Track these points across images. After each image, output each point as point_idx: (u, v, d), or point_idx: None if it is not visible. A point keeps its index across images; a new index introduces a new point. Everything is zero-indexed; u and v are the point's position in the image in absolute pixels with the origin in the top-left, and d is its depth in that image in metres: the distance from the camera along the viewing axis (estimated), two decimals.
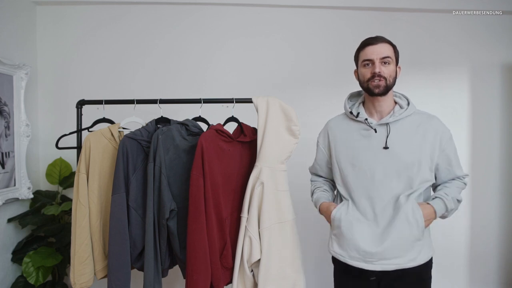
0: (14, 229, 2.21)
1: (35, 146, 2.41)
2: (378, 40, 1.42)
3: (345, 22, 2.56)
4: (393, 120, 1.44)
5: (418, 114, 1.48)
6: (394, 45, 1.46)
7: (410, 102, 1.49)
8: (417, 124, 1.45)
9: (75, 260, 1.61)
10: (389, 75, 1.41)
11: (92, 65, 2.49)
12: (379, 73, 1.39)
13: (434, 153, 1.43)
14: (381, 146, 1.43)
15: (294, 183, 1.86)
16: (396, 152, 1.41)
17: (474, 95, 2.60)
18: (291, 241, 1.68)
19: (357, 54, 1.50)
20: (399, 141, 1.42)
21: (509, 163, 2.61)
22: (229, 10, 2.53)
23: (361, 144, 1.47)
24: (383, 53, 1.40)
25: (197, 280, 1.52)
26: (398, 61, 1.47)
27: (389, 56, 1.41)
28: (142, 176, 1.63)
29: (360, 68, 1.47)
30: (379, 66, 1.40)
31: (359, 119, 1.49)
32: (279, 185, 1.67)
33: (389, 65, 1.42)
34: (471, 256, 2.62)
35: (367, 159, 1.44)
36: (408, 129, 1.44)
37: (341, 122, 1.58)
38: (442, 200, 1.43)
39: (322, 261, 2.32)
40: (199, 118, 1.80)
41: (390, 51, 1.42)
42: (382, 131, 1.45)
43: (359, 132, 1.49)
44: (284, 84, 2.53)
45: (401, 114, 1.44)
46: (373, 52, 1.40)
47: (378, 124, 1.45)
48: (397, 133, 1.43)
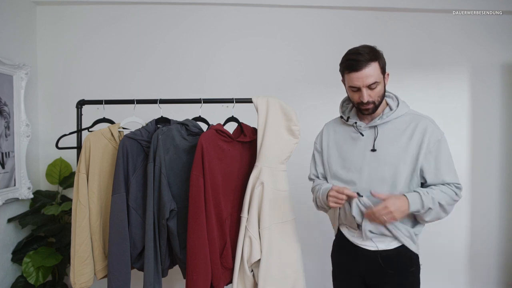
0: (14, 229, 2.21)
1: (35, 146, 2.41)
2: (361, 65, 1.34)
3: (345, 22, 2.56)
4: (381, 122, 1.44)
5: (409, 115, 1.45)
6: (378, 58, 1.38)
7: (400, 102, 1.47)
8: (406, 125, 1.43)
9: (75, 260, 1.61)
10: (378, 96, 1.40)
11: (92, 65, 2.49)
12: (368, 100, 1.39)
13: (420, 154, 1.39)
14: (369, 149, 1.45)
15: (294, 183, 1.86)
16: (382, 154, 1.42)
17: (474, 95, 2.60)
18: (291, 241, 1.68)
19: (342, 73, 1.46)
20: (386, 143, 1.43)
21: (509, 163, 2.61)
22: (229, 10, 2.53)
23: (350, 147, 1.50)
24: (369, 79, 1.36)
25: (197, 280, 1.52)
26: (385, 71, 1.42)
27: (375, 81, 1.37)
28: (142, 176, 1.63)
29: (347, 88, 1.46)
30: (366, 93, 1.38)
31: (350, 122, 1.51)
32: (279, 185, 1.67)
33: (376, 88, 1.38)
34: (471, 256, 2.62)
35: (356, 161, 1.46)
36: (395, 130, 1.43)
37: (335, 125, 1.60)
38: (419, 194, 1.35)
39: (322, 261, 2.32)
40: (199, 118, 1.80)
41: (376, 73, 1.36)
42: (370, 134, 1.46)
43: (350, 135, 1.51)
44: (284, 84, 2.53)
45: (390, 116, 1.44)
46: (358, 79, 1.37)
47: (367, 126, 1.47)
48: (384, 135, 1.44)
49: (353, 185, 1.45)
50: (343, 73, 1.46)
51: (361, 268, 1.48)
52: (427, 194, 1.35)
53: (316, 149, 1.65)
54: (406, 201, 1.34)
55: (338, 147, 1.54)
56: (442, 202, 1.37)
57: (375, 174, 1.42)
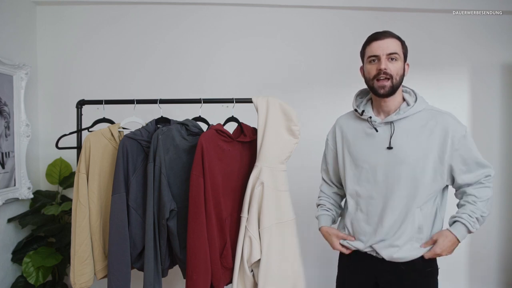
0: (14, 229, 2.21)
1: (35, 146, 2.41)
2: (385, 35, 1.34)
3: (345, 22, 2.56)
4: (398, 118, 1.35)
5: (428, 111, 1.37)
6: (402, 41, 1.38)
7: (418, 97, 1.40)
8: (424, 121, 1.35)
9: (75, 260, 1.61)
10: (396, 73, 1.33)
11: (92, 65, 2.49)
12: (385, 69, 1.31)
13: (445, 154, 1.32)
14: (385, 146, 1.36)
15: (294, 183, 1.86)
16: (400, 152, 1.34)
17: (474, 95, 2.60)
18: (291, 241, 1.67)
19: (363, 49, 1.42)
20: (404, 140, 1.34)
21: (509, 163, 2.61)
22: (229, 10, 2.53)
23: (365, 143, 1.42)
24: (390, 48, 1.32)
25: (197, 280, 1.52)
26: (406, 58, 1.39)
27: (396, 52, 1.32)
28: (142, 176, 1.63)
29: (365, 64, 1.39)
30: (385, 62, 1.32)
31: (364, 117, 1.42)
32: (279, 185, 1.66)
33: (396, 62, 1.33)
34: (471, 256, 2.62)
35: (370, 158, 1.39)
36: (414, 127, 1.35)
37: (349, 119, 1.52)
38: (464, 226, 1.32)
39: (322, 261, 2.32)
40: (199, 118, 1.80)
41: (397, 47, 1.34)
42: (386, 130, 1.37)
43: (364, 131, 1.42)
44: (284, 84, 2.53)
45: (407, 111, 1.35)
46: (379, 47, 1.32)
47: (383, 122, 1.38)
48: (402, 132, 1.35)
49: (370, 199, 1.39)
50: (364, 49, 1.40)
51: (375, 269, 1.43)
52: (470, 218, 1.32)
53: (328, 143, 1.60)
54: (455, 239, 1.32)
55: (352, 142, 1.46)
56: (485, 213, 1.33)
57: (392, 174, 1.35)
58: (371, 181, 1.39)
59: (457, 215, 1.35)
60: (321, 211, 1.60)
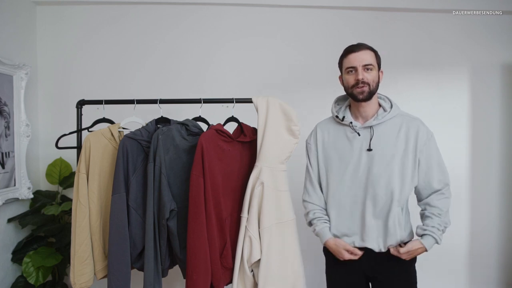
0: (14, 229, 2.21)
1: (35, 146, 2.41)
2: (360, 48, 1.48)
3: (345, 22, 2.56)
4: (377, 123, 1.49)
5: (401, 116, 1.52)
6: (375, 51, 1.52)
7: (393, 104, 1.54)
8: (399, 126, 1.50)
9: (75, 260, 1.61)
10: (372, 81, 1.47)
11: (92, 65, 2.49)
12: (363, 79, 1.45)
13: (416, 155, 1.48)
14: (365, 148, 1.49)
15: (294, 183, 1.86)
16: (378, 153, 1.48)
17: (474, 95, 2.60)
18: (291, 241, 1.68)
19: (340, 61, 1.56)
20: (382, 143, 1.48)
21: (509, 163, 2.61)
22: (229, 10, 2.53)
23: (347, 146, 1.53)
24: (365, 60, 1.46)
25: (197, 280, 1.52)
26: (380, 66, 1.53)
27: (371, 64, 1.47)
28: (142, 176, 1.63)
29: (344, 74, 1.53)
30: (362, 72, 1.45)
31: (345, 122, 1.55)
32: (279, 185, 1.67)
33: (371, 71, 1.47)
34: (471, 256, 2.62)
35: (352, 160, 1.51)
36: (390, 131, 1.50)
37: (329, 124, 1.63)
38: (434, 239, 1.47)
39: (322, 261, 2.31)
40: (199, 118, 1.80)
41: (372, 58, 1.48)
42: (366, 134, 1.51)
43: (346, 135, 1.55)
44: (284, 84, 2.53)
45: (384, 117, 1.50)
46: (355, 59, 1.46)
47: (363, 127, 1.51)
48: (379, 136, 1.49)
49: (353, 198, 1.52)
50: (341, 61, 1.54)
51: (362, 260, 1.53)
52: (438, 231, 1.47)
53: (311, 147, 1.65)
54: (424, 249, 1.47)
55: (333, 146, 1.57)
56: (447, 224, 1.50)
57: (372, 174, 1.48)
58: (354, 180, 1.50)
59: (427, 228, 1.48)
60: (321, 224, 1.58)
